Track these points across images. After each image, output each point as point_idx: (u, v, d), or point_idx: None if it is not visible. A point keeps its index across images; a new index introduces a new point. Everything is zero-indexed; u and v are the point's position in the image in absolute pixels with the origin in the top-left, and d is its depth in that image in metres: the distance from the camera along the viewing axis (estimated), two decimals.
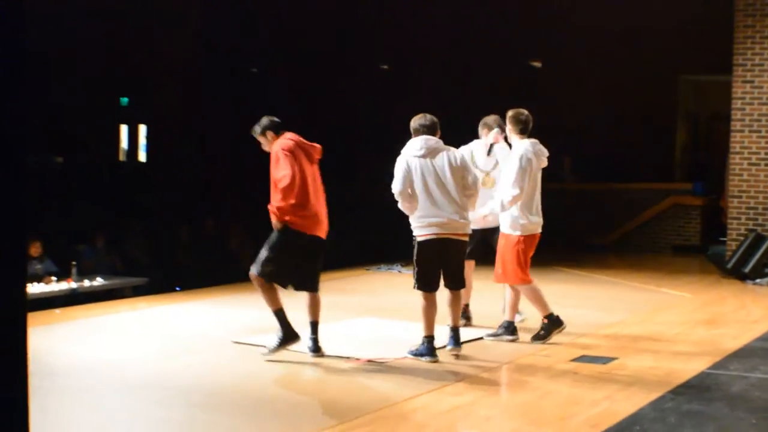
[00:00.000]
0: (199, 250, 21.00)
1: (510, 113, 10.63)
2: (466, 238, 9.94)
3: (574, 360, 9.95)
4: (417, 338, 9.91)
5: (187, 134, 27.01)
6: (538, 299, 10.83)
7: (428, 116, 10.02)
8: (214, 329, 11.21)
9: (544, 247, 11.60)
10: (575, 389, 8.88)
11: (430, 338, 9.68)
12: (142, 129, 28.30)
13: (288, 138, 9.79)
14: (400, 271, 16.81)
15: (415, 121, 10.00)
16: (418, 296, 9.76)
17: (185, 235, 21.25)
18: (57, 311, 12.75)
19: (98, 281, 14.99)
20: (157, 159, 28.08)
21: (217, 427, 7.39)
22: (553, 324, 10.78)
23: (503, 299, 11.04)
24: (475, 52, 25.36)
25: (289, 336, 9.55)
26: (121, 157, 27.96)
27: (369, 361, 9.58)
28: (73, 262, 15.05)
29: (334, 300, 13.68)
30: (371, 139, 25.48)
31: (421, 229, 9.72)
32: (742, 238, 16.84)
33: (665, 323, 12.44)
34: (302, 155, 9.70)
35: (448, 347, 9.87)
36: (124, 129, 28.04)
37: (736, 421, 7.85)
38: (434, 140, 9.88)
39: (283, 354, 9.74)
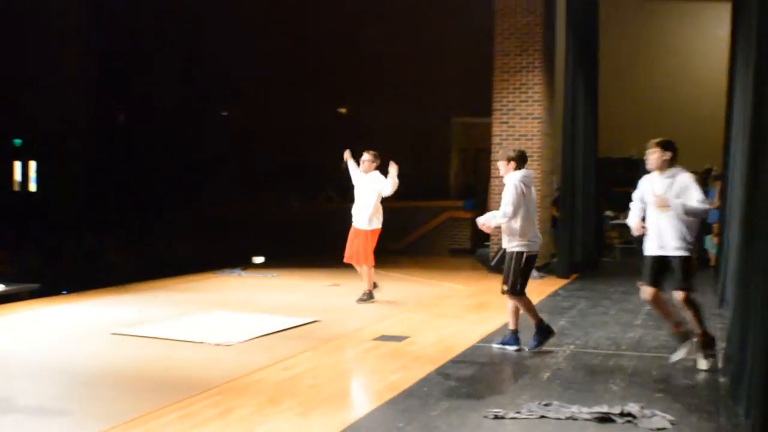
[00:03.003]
0: (81, 260, 20.62)
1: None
2: None
3: (377, 339, 10.05)
4: (256, 326, 9.88)
5: (70, 168, 26.59)
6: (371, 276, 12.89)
7: (522, 149, 9.83)
8: (96, 323, 10.97)
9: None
10: (378, 361, 8.99)
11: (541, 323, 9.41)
12: (33, 164, 27.78)
13: None
14: (240, 274, 16.66)
15: (521, 153, 9.51)
16: (257, 292, 9.68)
17: (70, 248, 20.84)
18: None
19: (0, 287, 14.52)
20: (45, 188, 27.58)
21: (98, 401, 7.27)
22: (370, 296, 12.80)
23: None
24: (294, 100, 25.45)
25: None
26: (15, 187, 27.32)
27: (217, 344, 9.54)
28: None
29: (189, 297, 13.56)
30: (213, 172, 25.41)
31: (527, 246, 9.30)
32: (501, 242, 17.23)
33: (445, 308, 12.65)
34: None
35: (520, 346, 9.40)
36: (17, 165, 27.46)
37: (499, 380, 8.11)
38: (531, 172, 9.63)
39: (151, 342, 9.68)
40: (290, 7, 25.37)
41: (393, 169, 12.79)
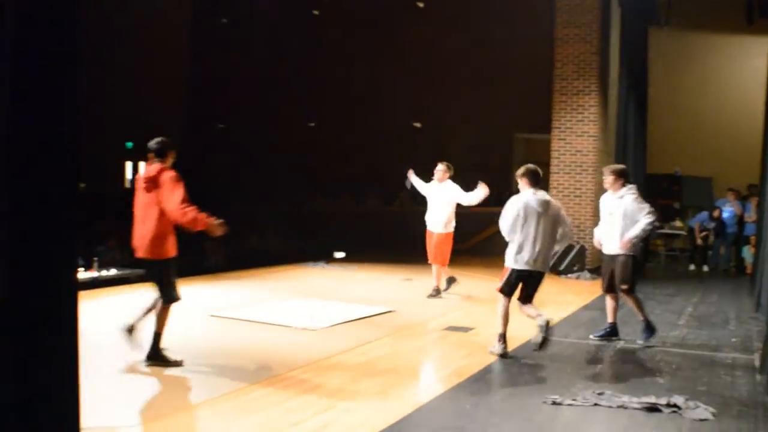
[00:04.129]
0: (181, 249, 20.86)
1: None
2: None
3: (445, 329, 10.03)
4: (338, 313, 9.91)
5: (172, 168, 27.02)
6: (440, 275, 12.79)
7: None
8: (196, 306, 11.08)
9: (420, 250, 11.86)
10: (447, 349, 8.99)
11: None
12: (142, 165, 28.37)
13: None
14: (323, 267, 16.71)
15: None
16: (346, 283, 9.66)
17: None
18: (83, 293, 12.51)
19: (113, 271, 14.72)
20: None
21: (202, 375, 7.34)
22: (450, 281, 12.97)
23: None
24: (370, 113, 25.47)
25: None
26: (126, 184, 27.88)
27: (303, 328, 9.57)
28: (95, 258, 14.78)
29: (277, 285, 13.63)
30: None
31: (633, 250, 9.52)
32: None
33: None
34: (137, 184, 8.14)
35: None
36: (128, 165, 28.01)
37: (556, 370, 8.00)
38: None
39: (245, 324, 9.74)
40: (368, 41, 25.44)
41: (483, 189, 12.81)
